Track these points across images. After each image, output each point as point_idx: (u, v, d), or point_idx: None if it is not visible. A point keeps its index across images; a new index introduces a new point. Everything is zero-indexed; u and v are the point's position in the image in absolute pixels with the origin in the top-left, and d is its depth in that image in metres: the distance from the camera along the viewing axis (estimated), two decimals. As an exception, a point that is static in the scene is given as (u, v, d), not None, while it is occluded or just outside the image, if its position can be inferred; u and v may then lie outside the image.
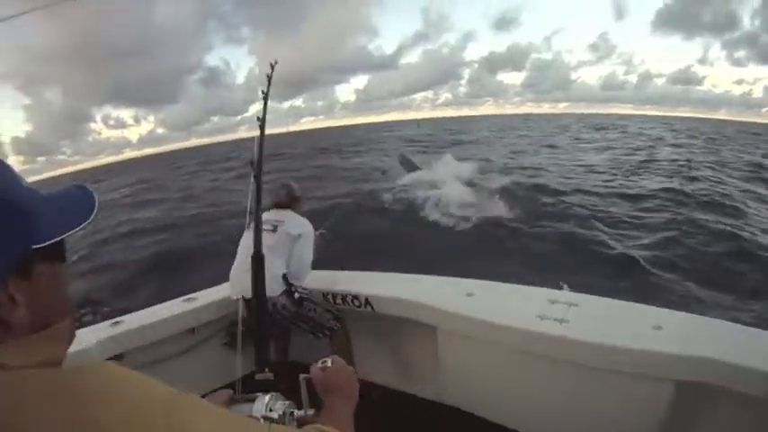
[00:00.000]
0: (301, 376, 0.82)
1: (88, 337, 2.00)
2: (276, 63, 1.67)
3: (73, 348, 1.93)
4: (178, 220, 11.89)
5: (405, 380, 2.29)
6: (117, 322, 2.15)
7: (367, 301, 2.14)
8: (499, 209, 8.67)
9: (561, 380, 1.61)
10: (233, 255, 2.25)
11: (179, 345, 2.28)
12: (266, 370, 0.95)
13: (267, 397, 0.75)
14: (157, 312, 2.28)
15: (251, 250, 2.00)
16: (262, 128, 1.50)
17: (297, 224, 2.27)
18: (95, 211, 0.52)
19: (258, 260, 1.24)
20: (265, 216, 2.25)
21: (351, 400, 0.81)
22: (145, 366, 2.14)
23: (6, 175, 0.46)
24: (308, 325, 2.11)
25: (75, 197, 0.54)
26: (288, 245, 2.18)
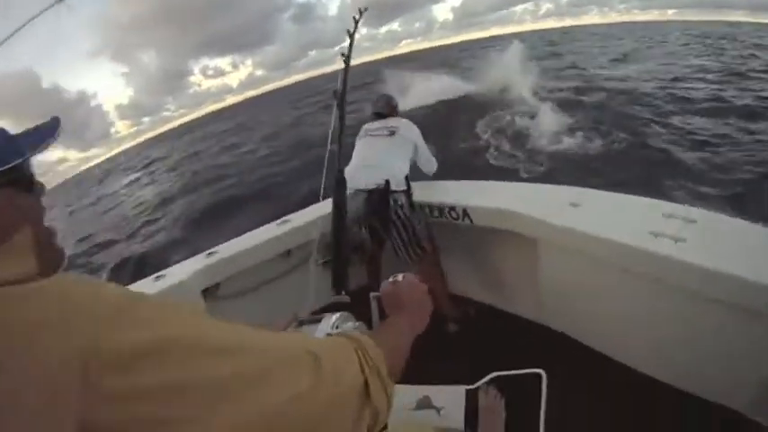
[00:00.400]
0: (372, 294, 0.79)
1: (185, 269, 2.05)
2: (366, 9, 1.59)
3: (171, 282, 2.01)
4: (248, 163, 12.81)
5: (502, 296, 2.18)
6: (212, 252, 2.15)
7: (465, 213, 1.99)
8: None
9: (673, 308, 1.42)
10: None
11: (275, 269, 2.27)
12: (343, 293, 0.91)
13: (335, 316, 0.72)
14: (252, 238, 2.25)
15: (368, 152, 2.18)
16: (347, 63, 1.41)
17: (411, 130, 2.27)
18: (57, 131, 0.50)
19: (340, 182, 1.16)
20: (375, 125, 2.33)
21: (415, 319, 0.72)
22: (243, 293, 2.19)
23: None
24: (408, 235, 1.98)
25: (40, 127, 0.50)
26: (406, 148, 2.18)
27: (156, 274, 2.12)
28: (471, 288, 2.23)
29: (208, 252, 2.18)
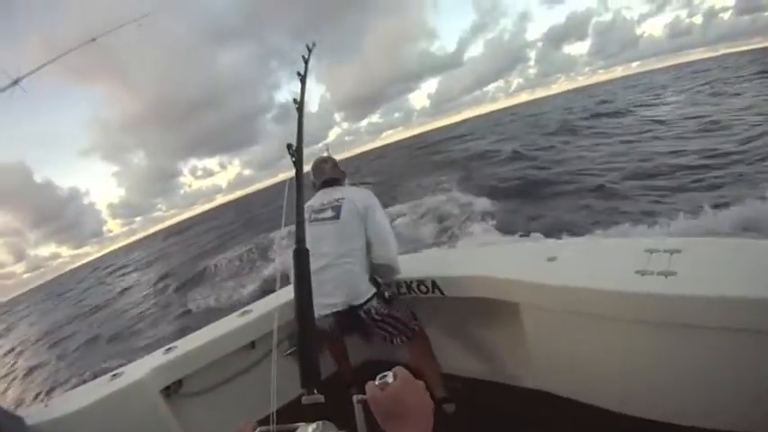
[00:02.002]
0: (356, 398, 0.63)
1: (143, 367, 1.88)
2: (314, 45, 1.55)
3: (126, 381, 1.81)
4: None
5: (489, 367, 2.02)
6: (170, 348, 2.01)
7: (434, 285, 1.84)
8: None
9: (676, 345, 1.29)
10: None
11: (240, 363, 2.12)
12: (315, 391, 0.78)
13: (311, 427, 0.59)
14: (213, 330, 2.12)
15: (318, 260, 1.71)
16: (300, 111, 1.36)
17: (358, 196, 1.86)
18: None
19: (300, 253, 1.02)
20: (315, 201, 1.94)
21: (421, 426, 0.58)
22: (206, 391, 2.03)
23: None
24: (396, 328, 1.79)
25: None
26: (360, 227, 1.81)
27: (112, 373, 1.95)
28: (455, 363, 2.08)
29: (166, 348, 2.04)
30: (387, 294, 1.82)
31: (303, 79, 1.44)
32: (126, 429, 1.82)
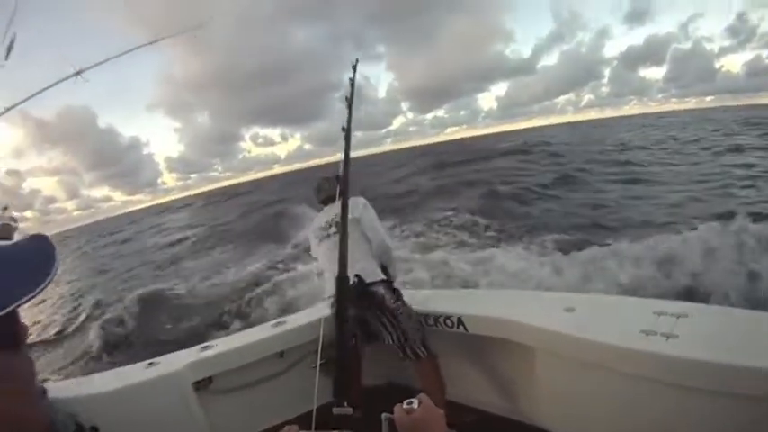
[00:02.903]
0: (384, 416, 0.73)
1: (179, 360, 2.06)
2: (357, 62, 1.65)
3: (163, 371, 1.94)
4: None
5: (500, 403, 2.15)
6: (207, 346, 2.19)
7: (459, 321, 2.01)
8: None
9: (675, 405, 1.38)
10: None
11: (268, 369, 2.28)
12: (345, 403, 0.88)
13: None
14: (247, 336, 2.31)
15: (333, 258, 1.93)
16: (347, 138, 1.43)
17: (351, 204, 2.04)
18: (54, 269, 0.39)
19: (342, 281, 1.12)
20: (320, 221, 2.25)
21: None
22: (233, 390, 2.19)
23: None
24: (397, 334, 1.99)
25: (26, 254, 0.40)
26: (360, 231, 2.14)
27: (148, 361, 2.13)
28: (467, 394, 2.21)
29: (203, 345, 2.22)
30: (395, 287, 2.07)
31: (350, 104, 1.49)
32: (156, 414, 1.97)
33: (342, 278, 1.11)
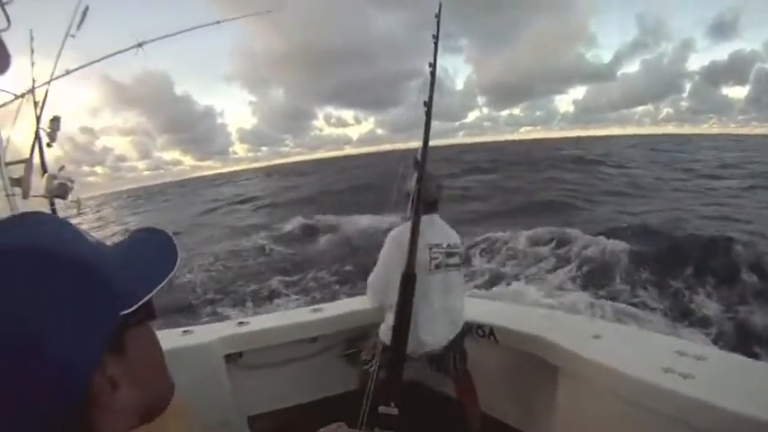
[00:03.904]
0: None
1: (213, 331, 2.21)
2: (441, 4, 1.52)
3: (197, 341, 2.20)
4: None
5: (517, 415, 2.22)
6: (242, 322, 2.34)
7: (491, 332, 2.10)
8: None
9: None
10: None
11: (298, 351, 2.41)
12: (392, 404, 0.87)
13: None
14: (283, 318, 2.46)
15: (437, 301, 1.86)
16: (432, 76, 1.35)
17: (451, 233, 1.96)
18: (178, 254, 0.45)
19: (409, 279, 1.06)
20: (436, 236, 1.88)
21: None
22: (262, 367, 2.34)
23: (70, 232, 0.38)
24: (456, 363, 1.97)
25: (148, 243, 0.46)
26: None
27: (184, 329, 2.27)
28: (492, 403, 2.27)
29: (239, 321, 2.36)
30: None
31: (436, 42, 1.41)
32: (184, 382, 2.13)
33: (409, 275, 1.06)
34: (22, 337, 0.30)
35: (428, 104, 1.35)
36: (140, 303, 0.38)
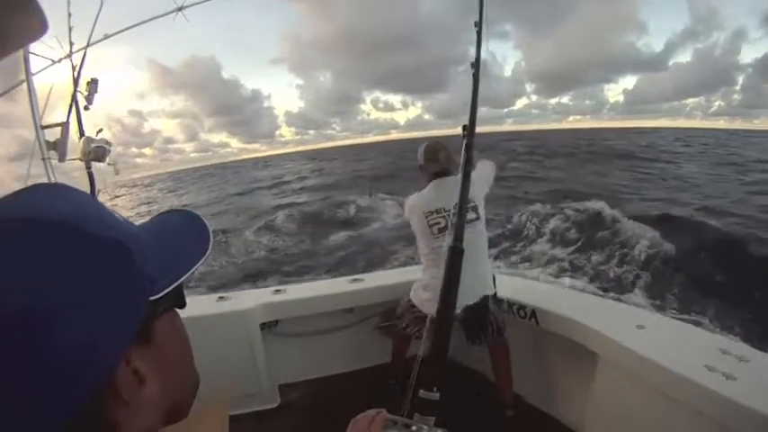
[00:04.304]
0: None
1: (250, 298, 2.22)
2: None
3: (233, 307, 2.06)
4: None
5: (555, 403, 2.16)
6: (279, 290, 2.33)
7: (533, 314, 2.04)
8: None
9: None
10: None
11: (335, 321, 2.38)
12: (434, 389, 0.82)
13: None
14: (320, 287, 2.44)
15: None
16: (475, 78, 1.31)
17: (484, 185, 1.98)
18: (211, 239, 0.41)
19: (455, 252, 1.01)
20: (442, 200, 1.92)
21: None
22: (297, 335, 2.34)
23: (96, 207, 0.35)
24: (491, 331, 1.98)
25: (179, 226, 0.43)
26: (483, 222, 1.97)
27: (220, 295, 2.28)
28: (526, 385, 2.20)
29: (275, 288, 2.34)
30: (498, 296, 2.02)
31: (479, 41, 1.38)
32: (219, 348, 2.09)
33: (456, 249, 1.01)
34: (37, 320, 0.27)
35: (475, 76, 1.32)
36: (171, 288, 0.35)
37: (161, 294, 0.34)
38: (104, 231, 0.32)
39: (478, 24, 1.42)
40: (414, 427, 0.66)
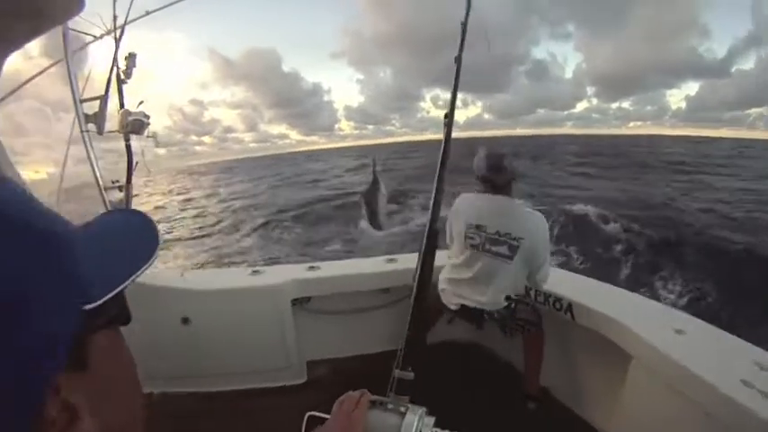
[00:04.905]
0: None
1: (283, 274, 2.21)
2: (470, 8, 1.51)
3: (266, 282, 2.00)
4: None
5: (580, 399, 2.10)
6: (313, 267, 2.31)
7: (569, 307, 1.98)
8: None
9: None
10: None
11: (369, 301, 2.35)
12: (409, 369, 0.87)
13: (417, 419, 0.66)
14: (355, 266, 2.42)
15: (475, 267, 1.92)
16: (457, 71, 1.37)
17: (539, 239, 1.91)
18: (159, 241, 0.36)
19: (432, 236, 1.08)
20: (484, 218, 1.93)
21: None
22: (329, 313, 2.34)
23: (28, 198, 0.28)
24: (518, 327, 2.01)
25: (122, 226, 0.38)
26: (525, 266, 1.93)
27: (253, 269, 2.25)
28: (553, 380, 2.16)
29: (309, 265, 2.29)
30: (512, 305, 1.99)
31: (460, 51, 1.47)
32: (249, 321, 2.10)
33: (431, 231, 1.05)
34: None
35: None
36: (110, 296, 0.29)
37: (98, 303, 0.28)
38: (31, 218, 0.26)
39: (464, 24, 1.49)
40: (401, 408, 0.68)
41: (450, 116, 1.37)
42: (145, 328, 2.14)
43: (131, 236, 0.37)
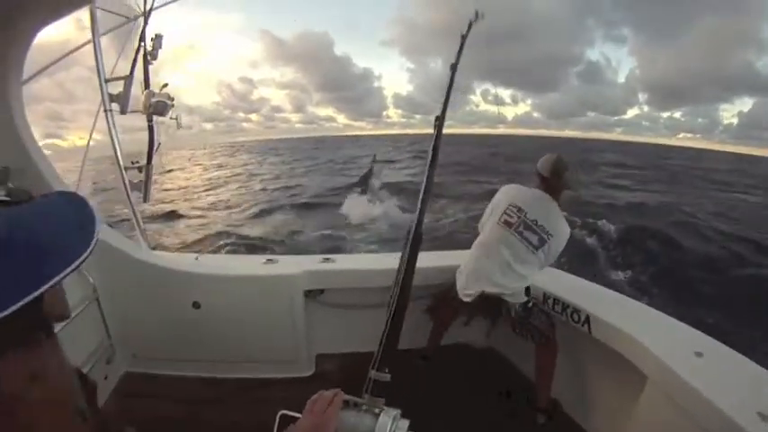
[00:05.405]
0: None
1: (297, 265, 2.20)
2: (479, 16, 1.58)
3: (280, 271, 1.97)
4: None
5: (590, 416, 2.04)
6: (328, 259, 2.30)
7: (587, 320, 1.92)
8: None
9: None
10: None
11: (383, 297, 2.30)
12: (386, 370, 0.86)
13: (392, 414, 0.67)
14: (371, 260, 2.43)
15: (491, 255, 1.97)
16: (453, 69, 1.39)
17: (559, 245, 2.02)
18: (97, 230, 0.33)
19: (416, 239, 1.08)
20: (527, 203, 2.03)
21: None
22: (341, 307, 2.32)
23: None
24: (531, 333, 2.01)
25: (58, 214, 0.33)
26: (541, 263, 2.02)
27: (267, 257, 2.25)
28: (562, 391, 2.09)
29: (325, 257, 2.28)
30: (529, 303, 2.00)
31: (462, 43, 1.52)
32: (260, 309, 2.09)
33: (416, 234, 1.05)
34: None
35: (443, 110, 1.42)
36: (23, 303, 0.24)
37: (6, 313, 0.23)
38: None
39: (464, 37, 1.55)
40: (375, 410, 0.67)
41: (440, 119, 1.39)
42: (155, 310, 2.17)
43: (63, 228, 0.32)
